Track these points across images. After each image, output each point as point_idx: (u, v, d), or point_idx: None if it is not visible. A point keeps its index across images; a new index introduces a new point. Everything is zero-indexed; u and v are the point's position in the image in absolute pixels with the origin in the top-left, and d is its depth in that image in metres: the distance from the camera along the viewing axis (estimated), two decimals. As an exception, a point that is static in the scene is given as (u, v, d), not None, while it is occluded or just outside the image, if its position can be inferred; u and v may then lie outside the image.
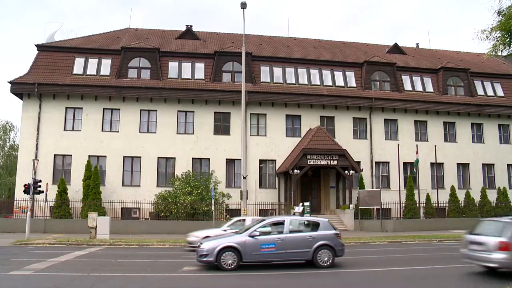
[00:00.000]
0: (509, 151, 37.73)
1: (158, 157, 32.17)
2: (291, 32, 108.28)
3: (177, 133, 32.72)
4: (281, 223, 14.49)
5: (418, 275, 12.85)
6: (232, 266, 13.43)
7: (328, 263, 13.94)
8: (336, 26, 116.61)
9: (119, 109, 32.35)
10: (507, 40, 15.54)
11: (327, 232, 14.43)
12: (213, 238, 14.99)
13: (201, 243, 14.10)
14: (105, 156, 31.59)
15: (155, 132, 32.46)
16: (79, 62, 32.96)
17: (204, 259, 13.65)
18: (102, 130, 31.94)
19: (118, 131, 32.07)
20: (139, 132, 32.27)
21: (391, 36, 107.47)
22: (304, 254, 14.05)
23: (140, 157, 31.94)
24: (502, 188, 35.15)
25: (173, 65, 34.05)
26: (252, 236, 13.81)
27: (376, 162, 34.93)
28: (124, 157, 31.78)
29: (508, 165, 37.65)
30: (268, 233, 14.22)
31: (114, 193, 30.65)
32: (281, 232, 14.15)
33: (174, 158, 32.35)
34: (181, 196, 29.30)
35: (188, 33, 38.83)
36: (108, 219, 23.36)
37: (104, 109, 32.24)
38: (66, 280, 11.83)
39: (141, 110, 32.59)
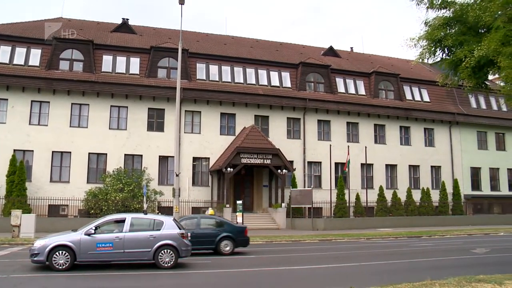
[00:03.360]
0: (432, 153, 39.78)
1: (89, 153, 31.24)
2: (229, 31, 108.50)
3: (109, 128, 31.91)
4: (122, 221, 13.87)
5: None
6: (65, 266, 12.77)
7: (170, 264, 13.51)
8: (274, 27, 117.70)
9: (49, 102, 31.06)
10: (433, 49, 16.22)
11: (171, 231, 13.89)
12: (51, 236, 13.84)
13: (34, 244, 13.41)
14: (32, 151, 30.23)
15: (87, 127, 31.49)
16: (4, 50, 31.25)
17: (35, 258, 12.90)
18: (29, 123, 30.52)
19: (47, 125, 30.79)
20: (70, 126, 31.17)
21: (328, 39, 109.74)
22: (144, 254, 13.52)
23: (70, 152, 30.88)
24: (426, 189, 37.06)
25: (107, 59, 33.13)
26: (88, 234, 13.20)
27: (308, 162, 35.69)
28: (53, 152, 30.59)
29: (431, 166, 39.68)
30: (109, 231, 13.66)
31: (41, 189, 29.46)
32: (121, 231, 13.56)
33: (106, 154, 31.54)
34: (112, 193, 28.62)
35: (124, 27, 37.97)
36: (33, 217, 22.43)
37: (32, 101, 30.83)
38: (-18, 283, 11.28)
39: (72, 103, 31.48)
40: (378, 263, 15.26)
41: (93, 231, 13.30)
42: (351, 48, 48.43)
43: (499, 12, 13.19)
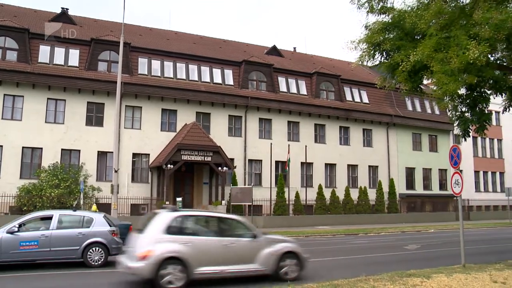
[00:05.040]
0: (370, 153, 41.01)
1: (22, 147, 29.84)
2: (173, 26, 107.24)
3: (45, 122, 30.61)
4: (49, 218, 13.43)
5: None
6: None
7: (99, 262, 13.28)
8: (219, 24, 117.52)
9: (-22, 92, 29.55)
10: (372, 53, 16.70)
11: (101, 228, 13.62)
12: None
13: None
14: (-41, 144, 28.70)
15: (21, 120, 30.06)
16: None
17: None
18: (-44, 115, 28.93)
19: (-24, 117, 29.29)
20: (2, 118, 29.57)
21: (272, 39, 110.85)
22: (72, 253, 13.15)
23: (2, 146, 29.43)
24: (363, 187, 38.17)
25: (44, 49, 31.70)
26: (11, 232, 12.65)
27: (249, 160, 35.86)
28: (-18, 145, 29.14)
29: (369, 166, 40.91)
30: (34, 229, 13.16)
31: (-32, 184, 27.96)
32: (48, 228, 13.11)
33: (41, 148, 30.28)
34: (47, 189, 27.61)
35: (63, 16, 36.41)
36: (-42, 214, 21.34)
37: (-41, 91, 29.21)
38: None
39: (4, 94, 29.91)
40: (315, 260, 15.56)
41: (16, 229, 12.72)
42: (294, 48, 49.08)
43: (433, 21, 13.81)
